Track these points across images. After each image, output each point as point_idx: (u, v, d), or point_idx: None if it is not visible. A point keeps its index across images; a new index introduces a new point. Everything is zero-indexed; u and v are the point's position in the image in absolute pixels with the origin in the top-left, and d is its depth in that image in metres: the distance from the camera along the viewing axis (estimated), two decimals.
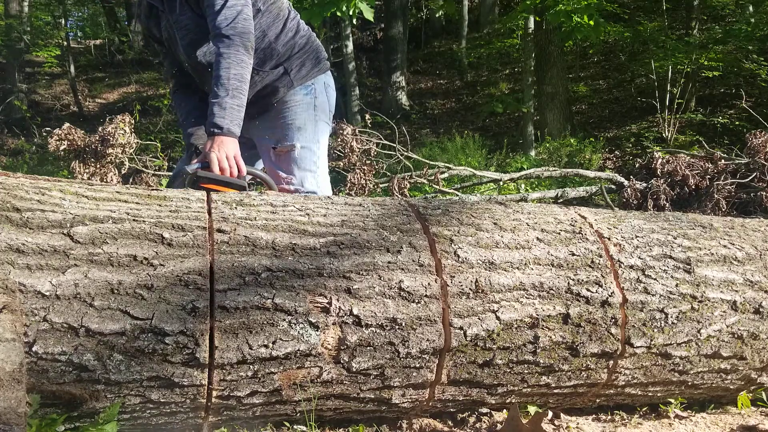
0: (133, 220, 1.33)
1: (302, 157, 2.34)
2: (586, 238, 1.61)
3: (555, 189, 5.72)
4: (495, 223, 1.58)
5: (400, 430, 1.55)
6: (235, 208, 1.46)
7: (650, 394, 1.68)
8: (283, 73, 2.31)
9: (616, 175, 5.40)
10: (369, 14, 6.30)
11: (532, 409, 1.60)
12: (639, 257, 1.61)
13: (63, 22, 15.57)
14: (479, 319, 1.43)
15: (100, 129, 4.47)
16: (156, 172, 4.86)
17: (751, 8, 10.75)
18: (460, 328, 1.41)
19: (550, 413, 1.62)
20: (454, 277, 1.44)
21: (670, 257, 1.64)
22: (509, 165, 8.34)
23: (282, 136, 2.35)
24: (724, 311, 1.62)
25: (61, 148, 4.41)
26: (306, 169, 2.35)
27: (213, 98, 2.04)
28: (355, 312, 1.35)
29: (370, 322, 1.36)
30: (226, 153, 2.00)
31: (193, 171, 1.98)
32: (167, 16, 2.23)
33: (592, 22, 8.28)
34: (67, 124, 4.56)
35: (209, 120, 2.03)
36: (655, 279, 1.58)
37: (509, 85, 13.23)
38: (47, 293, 1.18)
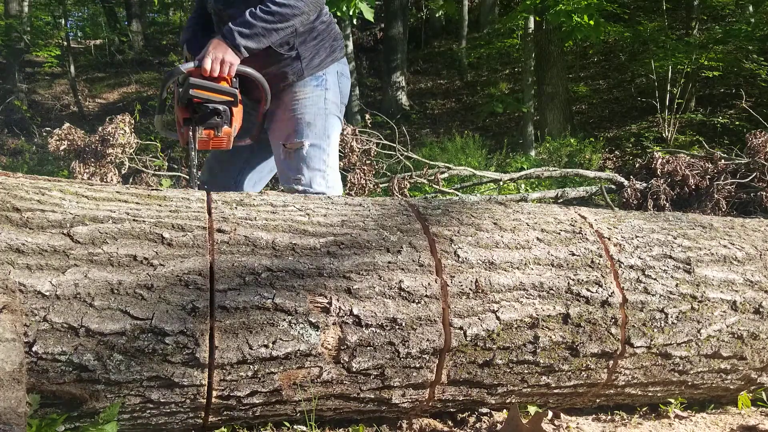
0: (133, 220, 1.32)
1: (311, 156, 2.26)
2: (586, 238, 1.61)
3: (555, 189, 5.72)
4: (495, 223, 1.58)
5: (400, 430, 1.55)
6: (235, 208, 1.46)
7: (650, 394, 1.68)
8: (295, 57, 2.25)
9: (616, 175, 5.40)
10: (369, 14, 6.30)
11: (532, 409, 1.60)
12: (639, 257, 1.61)
13: (63, 22, 15.57)
14: (479, 319, 1.43)
15: (100, 129, 4.48)
16: (156, 172, 4.86)
17: (751, 8, 10.76)
18: (460, 328, 1.41)
19: (550, 413, 1.62)
20: (454, 277, 1.44)
21: (670, 257, 1.64)
22: (509, 165, 8.34)
23: (291, 132, 2.28)
24: (724, 311, 1.62)
25: (61, 148, 4.42)
26: (315, 168, 2.27)
27: (250, 16, 2.06)
28: (355, 312, 1.35)
29: (370, 322, 1.36)
30: (222, 58, 2.00)
31: (187, 71, 2.01)
32: None
33: (592, 22, 8.28)
34: (67, 124, 4.56)
35: (228, 27, 2.04)
36: (655, 279, 1.58)
37: (509, 85, 13.23)
38: (47, 293, 1.18)
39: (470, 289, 1.44)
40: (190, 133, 2.11)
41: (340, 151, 4.93)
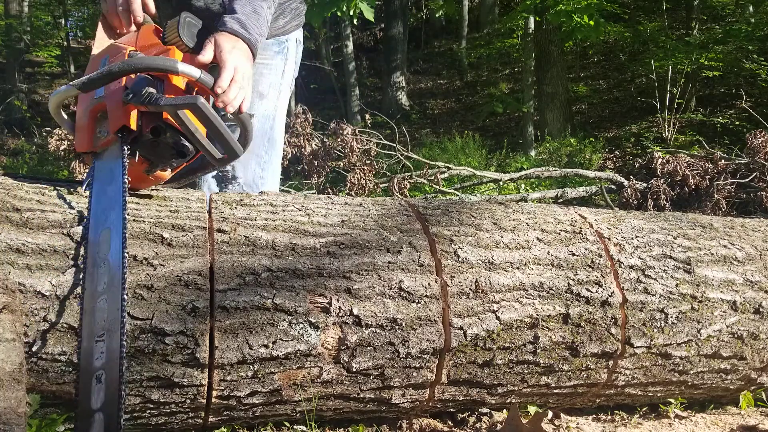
0: (133, 220, 1.32)
1: (254, 135, 1.81)
2: (586, 238, 1.61)
3: (555, 189, 5.72)
4: (495, 223, 1.58)
5: (400, 430, 1.55)
6: (235, 208, 1.46)
7: (650, 394, 1.68)
8: None
9: (616, 175, 5.40)
10: (369, 14, 6.31)
11: (532, 409, 1.60)
12: (639, 257, 1.61)
13: (63, 22, 15.58)
14: (479, 319, 1.43)
15: None
16: None
17: (751, 8, 10.77)
18: (460, 328, 1.41)
19: (550, 413, 1.62)
20: (454, 277, 1.44)
21: (670, 257, 1.64)
22: (509, 165, 8.35)
23: None
24: (724, 311, 1.62)
25: (61, 148, 4.42)
26: (253, 151, 1.84)
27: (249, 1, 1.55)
28: (355, 312, 1.35)
29: (370, 322, 1.36)
30: (244, 73, 1.38)
31: (196, 83, 1.32)
32: None
33: (592, 22, 8.30)
34: None
35: (232, 15, 1.49)
36: (655, 279, 1.58)
37: (509, 85, 13.24)
38: (47, 293, 1.18)
39: (470, 289, 1.44)
40: (122, 149, 1.31)
41: (340, 151, 4.92)
